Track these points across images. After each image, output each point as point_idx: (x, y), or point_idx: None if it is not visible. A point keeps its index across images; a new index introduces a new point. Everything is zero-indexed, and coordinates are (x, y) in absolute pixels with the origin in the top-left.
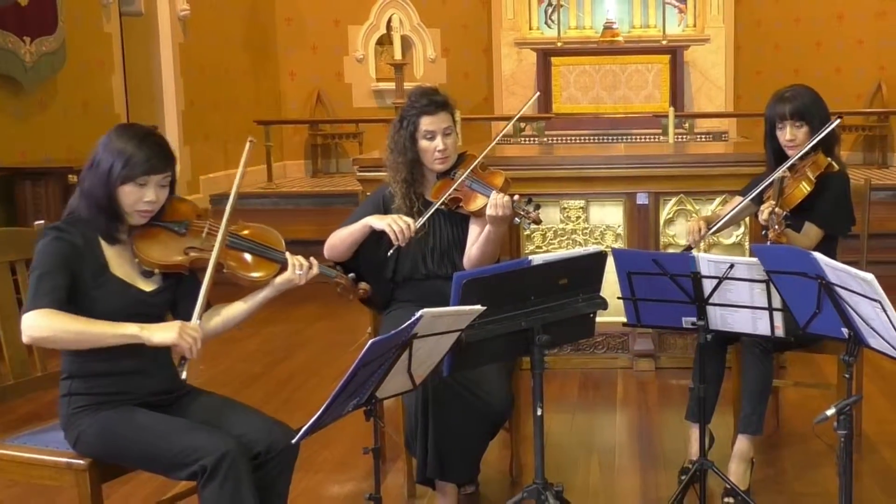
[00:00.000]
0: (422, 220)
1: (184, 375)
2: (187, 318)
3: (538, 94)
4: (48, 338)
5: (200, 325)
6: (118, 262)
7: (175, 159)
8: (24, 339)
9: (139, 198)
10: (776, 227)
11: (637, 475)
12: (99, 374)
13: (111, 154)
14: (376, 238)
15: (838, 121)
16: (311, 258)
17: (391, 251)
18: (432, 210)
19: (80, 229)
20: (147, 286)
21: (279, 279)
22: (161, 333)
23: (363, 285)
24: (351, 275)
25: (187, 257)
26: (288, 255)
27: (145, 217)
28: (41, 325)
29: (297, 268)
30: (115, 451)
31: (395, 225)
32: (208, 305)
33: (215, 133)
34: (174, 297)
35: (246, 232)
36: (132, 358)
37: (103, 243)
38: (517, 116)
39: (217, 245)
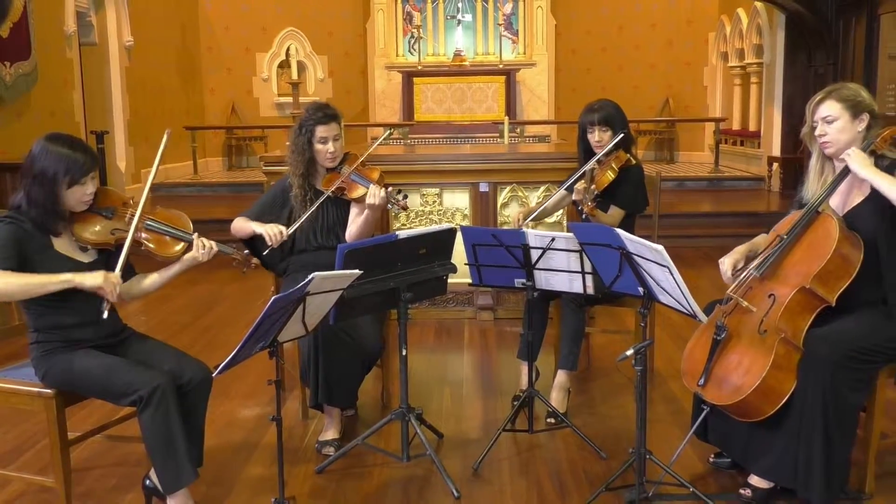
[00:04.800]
0: (293, 228)
1: (105, 314)
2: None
3: (389, 131)
4: (1, 291)
5: (119, 277)
6: (61, 241)
7: (97, 155)
8: None
9: (83, 193)
10: (589, 202)
11: (479, 401)
12: (55, 327)
13: (52, 162)
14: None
15: (622, 134)
16: (212, 241)
17: (266, 251)
18: (322, 199)
19: (29, 217)
20: (85, 258)
21: (186, 256)
22: (91, 278)
23: (255, 261)
24: (245, 251)
25: (113, 237)
26: (195, 236)
27: (87, 204)
28: None
29: (200, 247)
30: (73, 384)
31: (271, 230)
32: (134, 273)
33: (154, 137)
34: (108, 267)
35: (160, 216)
36: (79, 314)
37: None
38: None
39: (133, 226)
